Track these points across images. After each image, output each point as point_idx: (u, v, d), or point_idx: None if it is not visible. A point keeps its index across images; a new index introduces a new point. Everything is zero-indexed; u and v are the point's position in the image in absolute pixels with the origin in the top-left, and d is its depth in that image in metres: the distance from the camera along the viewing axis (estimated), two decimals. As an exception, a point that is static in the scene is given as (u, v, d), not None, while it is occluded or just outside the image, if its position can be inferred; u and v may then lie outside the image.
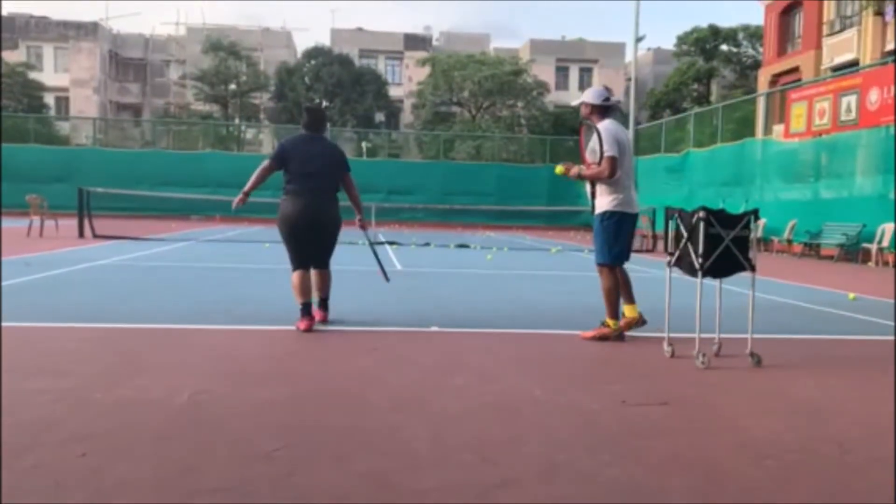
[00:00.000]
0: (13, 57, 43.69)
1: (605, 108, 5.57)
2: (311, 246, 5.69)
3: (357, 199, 6.03)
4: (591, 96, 5.59)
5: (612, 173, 5.31)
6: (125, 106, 50.40)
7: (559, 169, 5.66)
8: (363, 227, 6.18)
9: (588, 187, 5.60)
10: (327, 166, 5.74)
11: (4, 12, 46.43)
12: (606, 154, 5.29)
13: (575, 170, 5.56)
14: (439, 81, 40.98)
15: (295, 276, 5.61)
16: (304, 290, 5.56)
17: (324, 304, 5.90)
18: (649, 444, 3.07)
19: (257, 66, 44.06)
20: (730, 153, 21.34)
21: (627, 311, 5.56)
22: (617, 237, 5.45)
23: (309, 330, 5.41)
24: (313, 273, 5.75)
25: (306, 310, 5.51)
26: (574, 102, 5.78)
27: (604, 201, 5.45)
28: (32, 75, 42.88)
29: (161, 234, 18.13)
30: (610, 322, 5.47)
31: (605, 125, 5.43)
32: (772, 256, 17.09)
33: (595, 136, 5.41)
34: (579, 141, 5.80)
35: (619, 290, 5.50)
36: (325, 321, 5.80)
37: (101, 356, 4.47)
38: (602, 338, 5.42)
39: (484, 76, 39.83)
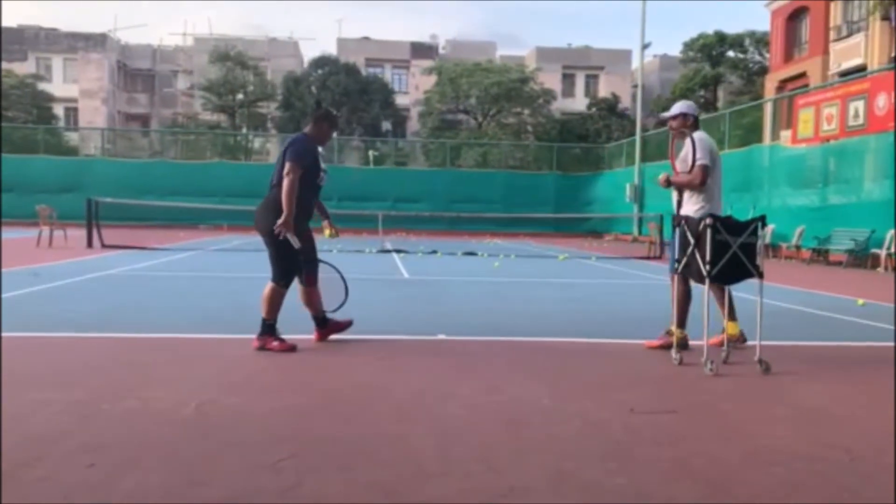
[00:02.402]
0: (22, 68, 44.07)
1: (697, 120, 5.63)
2: None
3: (285, 196, 4.91)
4: (687, 108, 5.66)
5: (703, 181, 5.28)
6: (133, 116, 50.70)
7: (660, 178, 5.59)
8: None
9: (675, 196, 5.51)
10: (276, 165, 5.16)
11: (14, 23, 46.91)
12: (699, 162, 5.28)
13: (664, 176, 5.50)
14: (446, 89, 41.08)
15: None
16: (309, 304, 5.35)
17: (263, 325, 5.13)
18: (657, 452, 3.05)
19: (264, 76, 44.22)
20: (737, 159, 21.26)
21: (729, 327, 5.34)
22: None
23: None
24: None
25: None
26: (666, 115, 5.78)
27: (689, 209, 5.36)
28: (42, 86, 43.19)
29: (169, 244, 18.19)
30: (675, 331, 5.25)
31: (700, 135, 5.44)
32: (780, 262, 17.02)
33: (688, 145, 5.39)
34: (670, 151, 5.76)
35: (689, 300, 5.30)
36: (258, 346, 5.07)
37: (109, 366, 4.48)
38: (669, 346, 5.18)
39: (490, 84, 39.90)
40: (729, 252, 4.63)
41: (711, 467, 2.88)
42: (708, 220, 4.64)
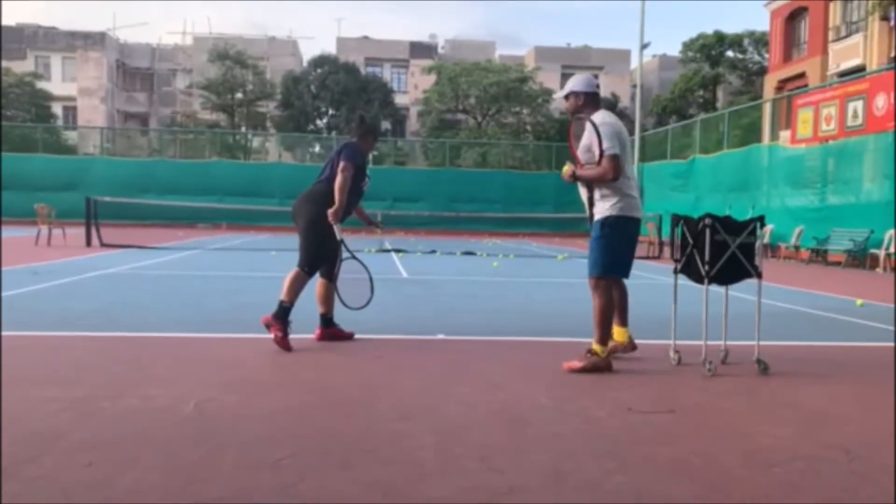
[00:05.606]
0: (21, 67, 44.03)
1: (596, 97, 4.80)
2: None
3: (338, 189, 5.18)
4: (580, 84, 4.78)
5: (616, 174, 4.53)
6: (132, 115, 50.68)
7: (565, 169, 4.81)
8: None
9: (584, 192, 4.81)
10: (326, 164, 5.50)
11: (13, 22, 46.87)
12: (607, 153, 4.50)
13: (568, 170, 4.74)
14: (445, 89, 41.05)
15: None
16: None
17: (280, 308, 5.14)
18: (656, 451, 3.06)
19: (263, 75, 44.18)
20: (736, 159, 21.31)
21: (617, 334, 4.92)
22: (619, 246, 4.71)
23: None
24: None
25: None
26: (558, 95, 5.00)
27: (605, 206, 4.67)
28: (40, 85, 43.16)
29: (168, 243, 18.18)
30: (597, 348, 4.64)
31: (602, 118, 4.63)
32: (779, 263, 17.03)
33: (590, 132, 4.61)
34: (569, 139, 4.93)
35: (613, 309, 4.76)
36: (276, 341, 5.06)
37: (108, 365, 4.48)
38: (594, 369, 4.58)
39: (489, 83, 39.88)
40: (727, 252, 4.63)
41: (709, 467, 2.89)
42: (706, 221, 4.63)
